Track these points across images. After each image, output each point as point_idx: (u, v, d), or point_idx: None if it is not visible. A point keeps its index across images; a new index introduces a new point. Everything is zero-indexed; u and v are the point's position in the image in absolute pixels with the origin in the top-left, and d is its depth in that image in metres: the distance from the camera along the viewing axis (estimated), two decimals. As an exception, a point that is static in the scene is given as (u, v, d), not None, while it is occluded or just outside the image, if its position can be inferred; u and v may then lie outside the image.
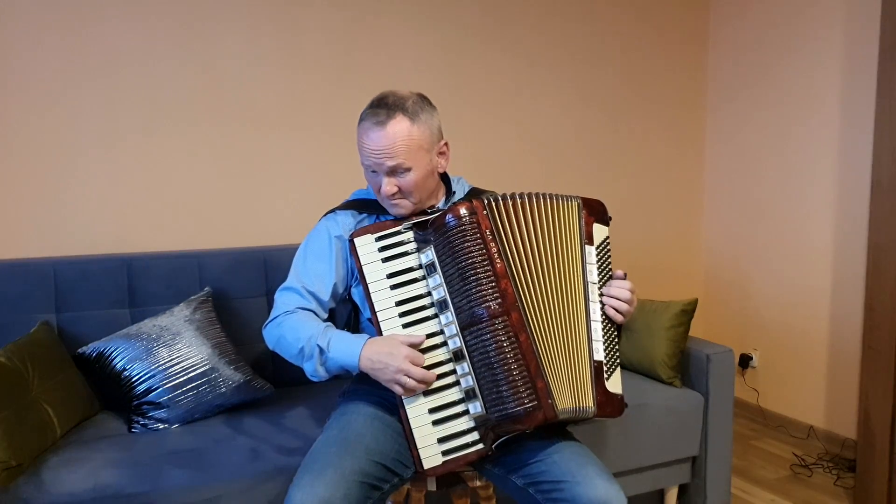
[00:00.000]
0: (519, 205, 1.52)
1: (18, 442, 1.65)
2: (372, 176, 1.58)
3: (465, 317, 1.45)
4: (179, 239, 2.44)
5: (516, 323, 1.43)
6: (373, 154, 1.52)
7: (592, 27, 3.09)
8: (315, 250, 1.65)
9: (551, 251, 1.52)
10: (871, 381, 2.36)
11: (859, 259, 2.68)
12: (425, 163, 1.56)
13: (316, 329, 1.54)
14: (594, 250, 1.56)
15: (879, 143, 2.35)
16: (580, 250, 1.55)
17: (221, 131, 2.48)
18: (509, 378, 1.40)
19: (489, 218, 1.48)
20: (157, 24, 2.37)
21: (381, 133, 1.51)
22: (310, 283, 1.62)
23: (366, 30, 2.67)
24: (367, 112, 1.55)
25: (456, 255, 1.46)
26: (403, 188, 1.55)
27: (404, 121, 1.52)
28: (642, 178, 3.29)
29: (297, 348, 1.54)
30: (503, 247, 1.47)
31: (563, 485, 1.40)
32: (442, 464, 1.46)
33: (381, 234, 1.54)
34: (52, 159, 2.28)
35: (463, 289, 1.45)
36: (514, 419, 1.40)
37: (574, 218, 1.56)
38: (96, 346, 2.00)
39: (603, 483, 1.39)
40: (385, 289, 1.51)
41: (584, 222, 1.57)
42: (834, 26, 2.81)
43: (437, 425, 1.46)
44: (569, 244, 1.54)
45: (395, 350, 1.46)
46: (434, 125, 1.58)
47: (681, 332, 2.28)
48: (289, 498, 1.34)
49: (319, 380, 1.56)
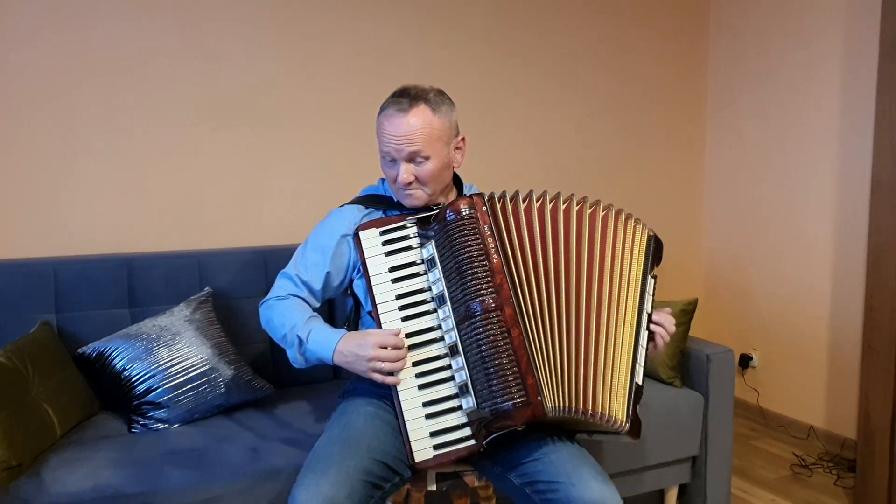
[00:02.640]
0: (534, 205, 1.53)
1: (18, 442, 1.65)
2: (389, 165, 1.60)
3: (460, 311, 1.46)
4: (179, 239, 2.44)
5: (509, 318, 1.43)
6: (393, 140, 1.56)
7: (593, 30, 3.09)
8: (315, 242, 1.70)
9: (588, 259, 1.53)
10: (871, 381, 2.36)
11: (859, 259, 2.68)
12: (443, 154, 1.60)
13: (300, 318, 1.58)
14: (653, 283, 1.60)
15: (879, 142, 2.35)
16: (642, 277, 1.57)
17: (222, 131, 2.48)
18: (500, 373, 1.40)
19: (489, 214, 1.49)
20: (157, 24, 2.37)
21: (403, 119, 1.55)
22: (304, 272, 1.67)
23: (367, 30, 2.67)
24: (390, 101, 1.59)
25: (454, 250, 1.47)
26: (420, 177, 1.58)
27: (426, 110, 1.56)
28: (643, 179, 3.29)
29: (282, 334, 1.61)
30: (502, 243, 1.48)
31: (557, 486, 1.40)
32: (433, 457, 1.47)
33: (385, 229, 1.56)
34: (52, 159, 2.28)
35: (459, 283, 1.46)
36: (504, 415, 1.40)
37: (642, 243, 1.59)
38: (96, 346, 2.00)
39: (598, 485, 1.39)
40: (387, 282, 1.53)
41: (652, 253, 1.60)
42: (834, 26, 2.81)
43: (430, 419, 1.47)
44: (630, 265, 1.56)
45: (364, 340, 1.48)
46: (453, 119, 1.63)
47: (681, 332, 2.28)
48: (293, 497, 1.34)
49: (300, 367, 1.61)
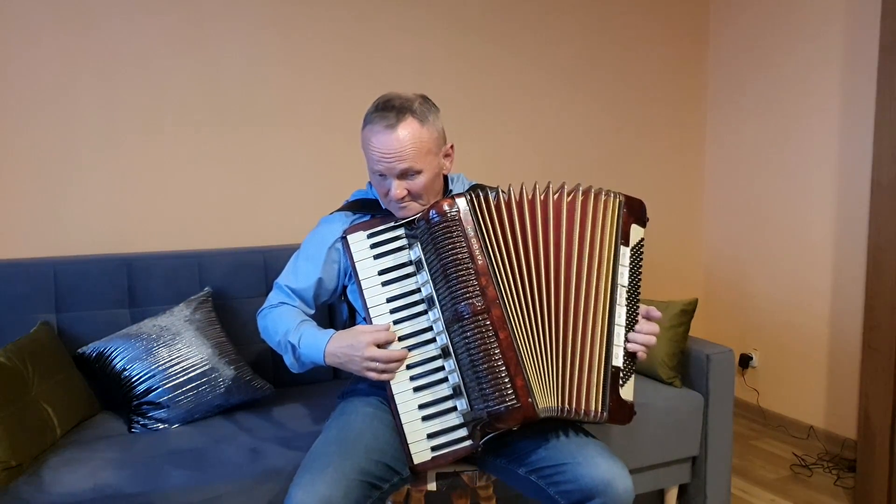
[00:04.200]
0: (514, 200, 1.48)
1: (18, 442, 1.66)
2: (379, 180, 1.55)
3: (449, 314, 1.45)
4: (179, 239, 2.44)
5: (496, 320, 1.42)
6: (383, 158, 1.50)
7: (593, 27, 3.09)
8: (305, 252, 1.70)
9: (566, 247, 1.48)
10: (871, 381, 2.36)
11: (859, 259, 2.68)
12: (434, 165, 1.55)
13: (291, 324, 1.59)
14: (629, 252, 1.52)
15: (879, 143, 2.35)
16: (614, 250, 1.50)
17: (222, 131, 2.48)
18: (490, 375, 1.40)
19: (472, 214, 1.45)
20: (157, 24, 2.37)
21: (391, 136, 1.48)
22: (294, 281, 1.68)
23: (366, 29, 2.67)
24: (374, 115, 1.52)
25: (439, 252, 1.45)
26: (413, 191, 1.53)
27: (414, 123, 1.50)
28: (642, 178, 3.29)
29: (276, 341, 1.62)
30: (486, 243, 1.45)
31: (564, 467, 1.40)
32: (431, 459, 1.48)
33: (372, 231, 1.54)
34: (53, 159, 2.28)
35: (446, 285, 1.45)
36: (496, 417, 1.40)
37: (612, 215, 1.51)
38: (96, 346, 2.01)
39: (605, 461, 1.39)
40: (377, 285, 1.52)
41: (622, 221, 1.51)
42: (834, 25, 2.80)
43: (427, 421, 1.48)
44: (601, 242, 1.49)
45: (356, 340, 1.47)
46: (440, 127, 1.57)
47: (681, 332, 2.28)
48: (289, 497, 1.34)
49: (298, 372, 1.61)
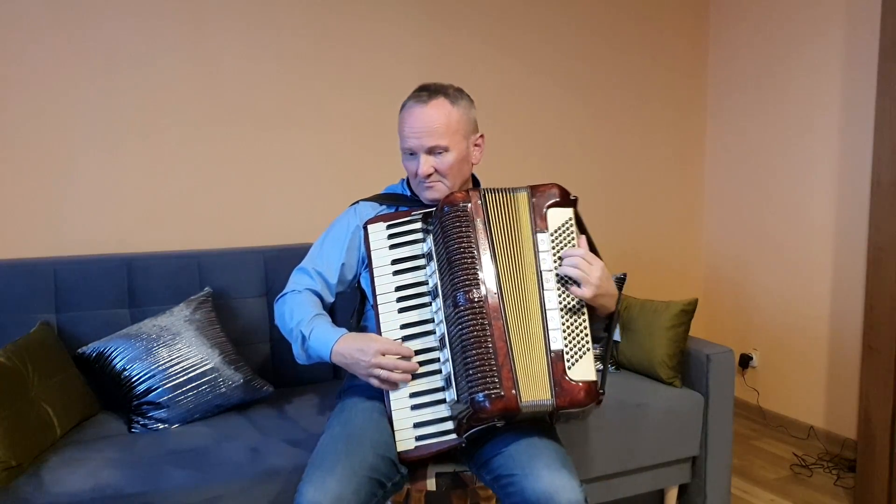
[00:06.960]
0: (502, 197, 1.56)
1: (18, 442, 1.65)
2: (409, 159, 1.63)
3: (449, 303, 1.48)
4: (179, 239, 2.44)
5: (492, 310, 1.45)
6: (413, 133, 1.58)
7: (592, 29, 3.09)
8: (331, 236, 1.74)
9: (511, 243, 1.53)
10: (871, 381, 2.36)
11: (859, 259, 2.68)
12: (462, 147, 1.62)
13: (306, 314, 1.60)
14: (548, 237, 1.53)
15: (879, 143, 2.35)
16: (531, 240, 1.53)
17: (221, 131, 2.48)
18: (478, 362, 1.42)
19: (482, 207, 1.52)
20: (157, 24, 2.37)
21: (422, 110, 1.58)
22: (320, 264, 1.71)
23: (365, 30, 2.67)
24: (410, 97, 1.63)
25: (447, 242, 1.50)
26: (440, 169, 1.60)
27: (445, 102, 1.60)
28: (643, 179, 3.29)
29: (289, 329, 1.63)
30: (492, 237, 1.51)
31: (513, 478, 1.40)
32: (415, 448, 1.48)
33: (391, 223, 1.60)
34: (52, 159, 2.28)
35: (449, 274, 1.48)
36: (479, 407, 1.40)
37: (523, 208, 1.55)
38: (96, 346, 2.00)
39: (548, 474, 1.37)
40: (388, 275, 1.57)
41: (533, 213, 1.55)
42: (834, 27, 2.80)
43: (415, 410, 1.50)
44: (520, 235, 1.54)
45: (367, 346, 1.50)
46: (472, 115, 1.66)
47: (681, 332, 2.28)
48: (300, 494, 1.35)
49: (303, 363, 1.62)
